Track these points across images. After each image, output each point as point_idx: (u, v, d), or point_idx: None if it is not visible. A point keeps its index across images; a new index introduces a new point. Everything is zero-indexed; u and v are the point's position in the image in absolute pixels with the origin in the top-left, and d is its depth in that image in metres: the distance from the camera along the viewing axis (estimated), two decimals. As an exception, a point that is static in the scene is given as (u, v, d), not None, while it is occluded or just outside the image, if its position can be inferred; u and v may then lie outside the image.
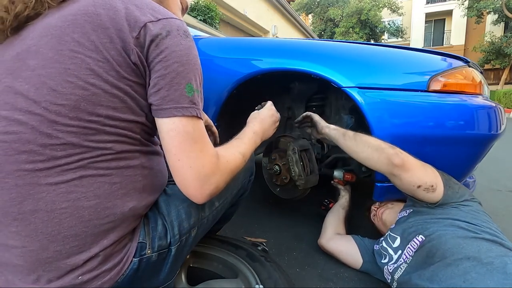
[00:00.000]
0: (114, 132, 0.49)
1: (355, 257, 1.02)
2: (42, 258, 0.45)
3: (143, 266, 0.54)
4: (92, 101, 0.46)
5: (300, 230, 1.29)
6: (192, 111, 0.51)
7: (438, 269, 0.71)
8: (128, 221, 0.52)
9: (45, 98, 0.45)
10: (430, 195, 0.84)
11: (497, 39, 15.64)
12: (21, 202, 0.44)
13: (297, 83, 1.34)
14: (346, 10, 17.68)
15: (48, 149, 0.45)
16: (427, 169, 0.86)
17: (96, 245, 0.48)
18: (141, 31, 0.48)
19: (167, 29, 0.50)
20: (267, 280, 0.70)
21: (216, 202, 0.69)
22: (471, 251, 0.69)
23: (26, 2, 0.48)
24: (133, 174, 0.52)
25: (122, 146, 0.50)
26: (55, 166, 0.45)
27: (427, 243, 0.79)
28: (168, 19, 0.51)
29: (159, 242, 0.56)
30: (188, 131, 0.50)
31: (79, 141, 0.46)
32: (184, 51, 0.51)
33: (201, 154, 0.51)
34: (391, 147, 0.86)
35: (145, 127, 0.54)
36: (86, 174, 0.47)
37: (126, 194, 0.51)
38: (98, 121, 0.47)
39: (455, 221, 0.79)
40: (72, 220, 0.46)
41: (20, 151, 0.44)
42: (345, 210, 1.22)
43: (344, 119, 1.39)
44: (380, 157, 0.86)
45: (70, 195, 0.46)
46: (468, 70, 0.99)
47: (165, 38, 0.49)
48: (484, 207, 0.86)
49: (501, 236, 0.76)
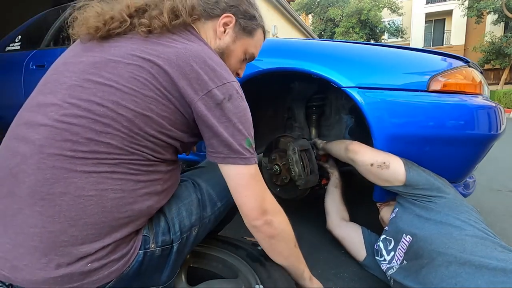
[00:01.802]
0: (152, 148, 0.55)
1: (359, 249, 1.04)
2: (58, 241, 0.47)
3: (147, 260, 0.56)
4: (145, 122, 0.53)
5: (300, 230, 1.29)
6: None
7: (429, 272, 0.72)
8: (142, 218, 0.56)
9: (108, 105, 0.51)
10: (386, 173, 0.90)
11: (497, 39, 15.63)
12: (53, 183, 0.48)
13: (297, 83, 1.34)
14: (346, 10, 17.67)
15: (92, 143, 0.50)
16: (378, 151, 0.95)
17: (109, 237, 0.51)
18: (207, 93, 0.56)
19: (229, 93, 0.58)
20: (267, 280, 0.70)
21: (219, 203, 0.70)
22: (458, 250, 0.71)
23: (122, 23, 0.57)
24: (158, 177, 0.58)
25: (155, 157, 0.56)
26: (93, 158, 0.50)
27: (415, 243, 0.81)
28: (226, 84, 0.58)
29: (162, 237, 0.59)
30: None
31: (122, 144, 0.52)
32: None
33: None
34: (352, 140, 1.02)
35: (177, 149, 0.62)
36: (118, 170, 0.51)
37: (147, 193, 0.56)
38: (144, 136, 0.54)
39: (436, 216, 0.81)
40: (95, 208, 0.49)
41: (66, 139, 0.49)
42: (339, 188, 1.23)
43: (344, 119, 1.39)
44: (341, 147, 1.06)
45: (99, 185, 0.50)
46: (468, 70, 0.99)
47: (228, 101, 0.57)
48: (484, 207, 0.87)
49: (482, 225, 0.78)
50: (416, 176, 0.88)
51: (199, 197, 0.67)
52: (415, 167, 0.91)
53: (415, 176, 0.88)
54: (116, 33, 0.57)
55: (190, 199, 0.65)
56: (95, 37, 0.57)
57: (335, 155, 1.14)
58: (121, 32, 0.57)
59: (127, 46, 0.55)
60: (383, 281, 0.95)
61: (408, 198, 0.91)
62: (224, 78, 0.58)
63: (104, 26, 0.56)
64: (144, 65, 0.53)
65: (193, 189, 0.68)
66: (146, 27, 0.57)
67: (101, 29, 0.56)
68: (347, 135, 1.39)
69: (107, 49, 0.56)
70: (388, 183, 0.92)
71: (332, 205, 1.19)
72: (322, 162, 1.29)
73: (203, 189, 0.69)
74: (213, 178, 0.71)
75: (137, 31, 0.57)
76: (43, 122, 0.50)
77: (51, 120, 0.50)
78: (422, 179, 0.88)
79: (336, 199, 1.20)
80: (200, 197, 0.67)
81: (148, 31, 0.57)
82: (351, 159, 1.00)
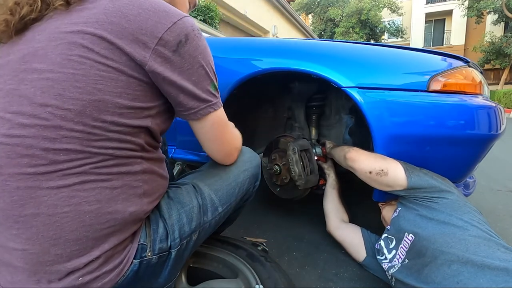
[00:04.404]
0: (117, 138, 0.48)
1: (359, 250, 1.04)
2: (43, 261, 0.45)
3: (143, 268, 0.54)
4: (98, 108, 0.46)
5: (300, 230, 1.29)
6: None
7: (431, 271, 0.72)
8: (129, 225, 0.52)
9: (51, 102, 0.44)
10: (386, 179, 0.91)
11: (497, 39, 15.62)
12: (22, 205, 0.44)
13: (297, 83, 1.34)
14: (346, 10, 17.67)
15: (50, 153, 0.44)
16: (376, 157, 0.94)
17: (97, 249, 0.48)
18: (158, 42, 0.48)
19: (184, 32, 0.51)
20: (267, 280, 0.70)
21: (220, 208, 0.68)
22: (460, 250, 0.71)
23: (32, 5, 0.48)
24: (134, 179, 0.52)
25: (124, 152, 0.50)
26: (56, 170, 0.45)
27: (417, 242, 0.81)
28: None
29: (159, 245, 0.56)
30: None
31: (81, 146, 0.46)
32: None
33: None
34: (352, 147, 1.03)
35: (149, 132, 0.54)
36: (88, 179, 0.47)
37: (126, 199, 0.50)
38: (102, 127, 0.47)
39: (439, 216, 0.81)
40: (74, 225, 0.46)
41: (22, 155, 0.44)
42: (337, 190, 1.23)
43: (344, 119, 1.39)
44: (341, 155, 1.07)
45: (72, 199, 0.46)
46: (468, 70, 0.99)
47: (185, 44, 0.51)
48: (484, 207, 0.86)
49: (486, 226, 0.77)
50: (418, 180, 0.88)
51: (200, 202, 0.64)
52: (417, 171, 0.90)
53: (417, 180, 0.88)
54: (32, 19, 0.48)
55: (191, 205, 0.62)
56: (11, 32, 0.48)
57: (337, 162, 1.15)
58: (37, 16, 0.49)
59: (51, 26, 0.47)
60: (383, 281, 0.95)
61: (410, 199, 0.91)
62: (172, 15, 0.50)
63: (12, 16, 0.48)
64: (74, 40, 0.45)
65: (194, 194, 0.65)
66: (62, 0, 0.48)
67: (12, 21, 0.48)
68: (347, 135, 1.39)
69: (32, 37, 0.48)
70: (390, 188, 0.93)
71: (331, 207, 1.19)
72: (320, 162, 1.29)
73: (204, 193, 0.66)
74: (215, 182, 0.69)
75: (55, 7, 0.48)
76: None
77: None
78: (424, 182, 0.88)
79: (335, 200, 1.20)
80: (201, 202, 0.64)
81: (66, 3, 0.48)
82: (350, 167, 1.01)
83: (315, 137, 1.40)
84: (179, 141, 1.31)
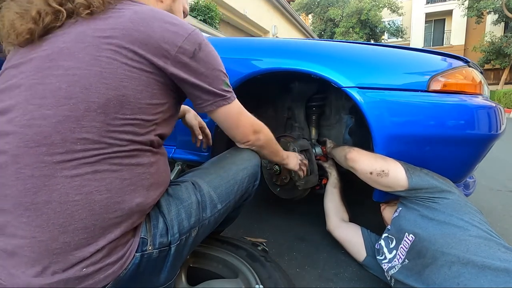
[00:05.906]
0: (132, 131, 0.53)
1: (359, 249, 1.04)
2: (50, 249, 0.46)
3: (144, 262, 0.56)
4: (121, 101, 0.50)
5: (300, 230, 1.29)
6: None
7: (432, 272, 0.72)
8: (134, 217, 0.54)
9: (76, 95, 0.48)
10: (386, 180, 0.91)
11: (497, 39, 15.62)
12: (35, 192, 0.46)
13: (297, 83, 1.34)
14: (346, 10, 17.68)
15: (68, 142, 0.47)
16: (376, 157, 0.94)
17: (103, 238, 0.50)
18: (178, 49, 0.55)
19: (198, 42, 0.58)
20: (267, 280, 0.70)
21: (219, 205, 0.69)
22: (461, 250, 0.71)
23: (57, 14, 0.51)
24: (142, 171, 0.55)
25: (136, 145, 0.54)
26: (72, 159, 0.47)
27: (418, 242, 0.81)
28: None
29: (160, 239, 0.58)
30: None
31: (99, 137, 0.49)
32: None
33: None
34: (352, 147, 1.03)
35: (159, 127, 0.59)
36: (100, 169, 0.49)
37: (134, 190, 0.53)
38: (122, 118, 0.51)
39: (440, 216, 0.81)
40: (83, 213, 0.48)
41: (40, 144, 0.46)
42: (338, 188, 1.23)
43: (344, 119, 1.39)
44: (341, 155, 1.07)
45: (84, 188, 0.48)
46: (468, 70, 0.99)
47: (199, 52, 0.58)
48: (484, 207, 0.86)
49: (486, 226, 0.77)
50: (419, 181, 0.88)
51: (199, 199, 0.66)
52: (417, 171, 0.90)
53: (418, 181, 0.88)
54: (57, 27, 0.52)
55: (190, 201, 0.63)
56: (34, 38, 0.51)
57: (338, 162, 1.15)
58: (61, 24, 0.52)
59: (75, 30, 0.51)
60: (383, 281, 0.95)
61: (411, 199, 0.91)
62: (187, 27, 0.58)
63: (36, 25, 0.50)
64: (102, 43, 0.50)
65: (193, 191, 0.66)
66: (86, 8, 0.52)
67: (36, 30, 0.51)
68: (347, 135, 1.39)
69: (55, 39, 0.51)
70: (391, 189, 0.93)
71: (331, 206, 1.19)
72: (321, 161, 1.29)
73: (203, 190, 0.67)
74: (214, 179, 0.71)
75: (78, 15, 0.52)
76: (10, 130, 0.47)
77: (17, 126, 0.47)
78: (425, 183, 0.88)
79: (335, 199, 1.20)
80: (200, 199, 0.66)
81: (90, 12, 0.52)
82: (351, 168, 1.01)
83: (315, 137, 1.40)
84: (179, 141, 1.31)
